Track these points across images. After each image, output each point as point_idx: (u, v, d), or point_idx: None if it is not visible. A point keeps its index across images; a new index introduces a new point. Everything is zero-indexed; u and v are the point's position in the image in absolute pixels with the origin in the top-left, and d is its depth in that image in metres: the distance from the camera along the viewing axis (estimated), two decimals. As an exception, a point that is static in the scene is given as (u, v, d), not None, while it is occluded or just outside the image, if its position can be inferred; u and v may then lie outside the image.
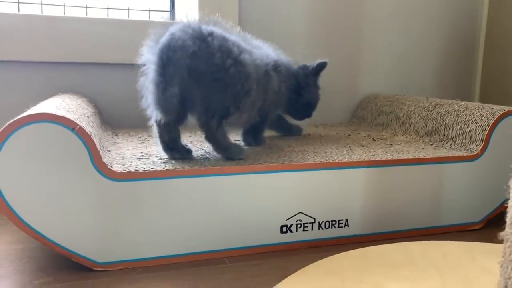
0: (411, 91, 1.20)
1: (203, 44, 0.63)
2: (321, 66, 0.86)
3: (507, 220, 0.38)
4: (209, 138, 0.67)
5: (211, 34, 0.64)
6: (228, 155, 0.67)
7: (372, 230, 0.70)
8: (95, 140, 0.57)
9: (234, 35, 0.70)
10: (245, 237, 0.63)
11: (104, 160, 0.58)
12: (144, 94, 0.65)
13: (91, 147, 0.55)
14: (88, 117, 0.67)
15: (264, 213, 0.64)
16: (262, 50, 0.77)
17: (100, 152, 0.58)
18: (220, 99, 0.64)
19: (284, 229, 0.65)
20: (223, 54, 0.63)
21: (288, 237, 0.65)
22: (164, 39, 0.62)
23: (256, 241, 0.64)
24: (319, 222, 0.67)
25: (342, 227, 0.68)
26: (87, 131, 0.55)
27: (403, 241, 0.67)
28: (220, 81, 0.63)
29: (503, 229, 0.38)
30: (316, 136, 0.91)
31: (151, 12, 1.13)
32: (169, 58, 0.60)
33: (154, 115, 0.64)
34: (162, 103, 0.60)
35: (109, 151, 0.67)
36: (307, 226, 0.66)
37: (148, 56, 0.64)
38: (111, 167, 0.58)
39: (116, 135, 0.85)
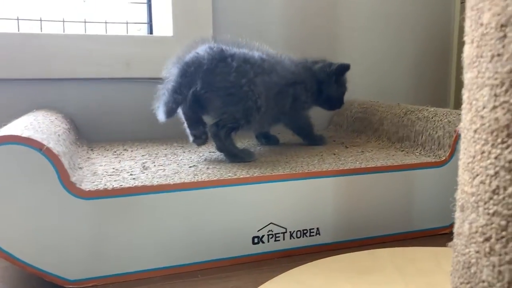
0: (388, 97, 1.22)
1: (221, 63, 0.72)
2: (342, 68, 0.91)
3: (454, 230, 0.40)
4: (220, 148, 0.75)
5: (232, 55, 0.73)
6: (239, 160, 0.75)
7: (343, 237, 0.71)
8: (63, 159, 0.58)
9: (259, 53, 0.79)
10: (217, 249, 0.64)
11: (73, 179, 0.58)
12: (159, 98, 0.72)
13: (59, 167, 0.56)
14: (59, 135, 0.67)
15: (235, 225, 0.65)
16: (282, 65, 0.84)
17: (69, 171, 0.58)
18: (232, 111, 0.74)
19: (256, 240, 0.66)
20: (239, 74, 0.73)
21: (260, 248, 0.66)
22: (188, 56, 0.71)
23: (228, 253, 0.65)
24: (290, 231, 0.68)
25: (313, 235, 0.69)
26: (54, 151, 0.56)
27: (374, 247, 0.68)
28: (234, 95, 0.73)
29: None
30: (291, 145, 0.92)
31: (128, 24, 1.14)
32: (185, 72, 0.70)
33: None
34: (165, 105, 0.69)
35: (80, 168, 0.68)
36: (278, 236, 0.67)
37: (170, 69, 0.73)
38: (80, 185, 0.58)
39: (91, 150, 0.85)
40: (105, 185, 0.60)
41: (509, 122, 0.31)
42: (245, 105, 0.74)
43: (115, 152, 0.83)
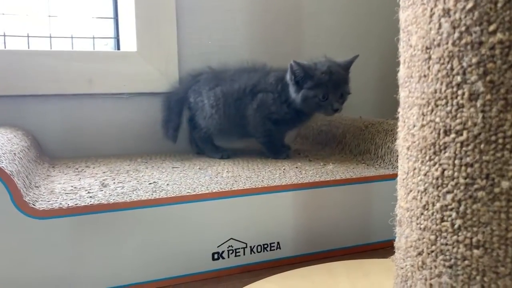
0: (353, 111, 1.24)
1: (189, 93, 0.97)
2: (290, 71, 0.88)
3: (395, 244, 0.41)
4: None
5: (196, 83, 0.96)
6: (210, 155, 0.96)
7: (304, 251, 0.71)
8: (16, 179, 0.57)
9: (229, 72, 0.95)
10: (176, 266, 0.64)
11: (27, 198, 0.58)
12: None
13: (11, 187, 0.55)
14: (15, 153, 0.66)
15: (195, 242, 0.65)
16: (245, 76, 0.93)
17: (22, 190, 0.58)
18: (200, 123, 0.95)
19: (216, 256, 0.66)
20: (197, 101, 0.94)
21: (220, 264, 0.67)
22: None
23: (187, 270, 0.65)
24: (251, 246, 0.68)
25: (274, 250, 0.70)
26: (6, 171, 0.55)
27: (334, 260, 0.69)
28: (198, 111, 0.95)
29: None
30: (256, 158, 0.93)
31: (95, 39, 1.14)
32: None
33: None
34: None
35: (37, 186, 0.67)
36: (239, 252, 0.68)
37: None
38: (34, 205, 0.58)
39: (53, 167, 0.84)
40: (61, 204, 0.59)
41: (435, 140, 0.33)
42: (202, 115, 0.93)
43: (76, 169, 0.82)
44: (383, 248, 0.75)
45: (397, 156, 0.79)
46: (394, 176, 0.76)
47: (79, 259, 0.59)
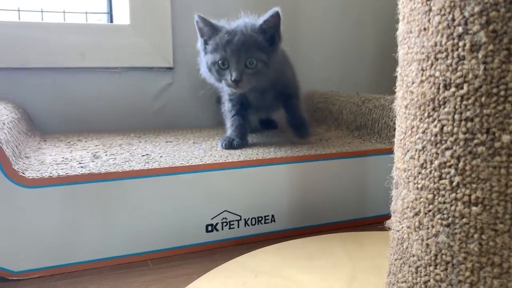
0: (350, 87, 1.22)
1: None
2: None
3: (391, 208, 0.40)
4: None
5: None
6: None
7: (298, 224, 0.71)
8: (5, 147, 0.56)
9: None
10: (169, 238, 0.63)
11: (16, 167, 0.56)
12: None
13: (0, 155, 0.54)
14: (4, 123, 0.65)
15: (188, 213, 0.64)
16: None
17: (11, 159, 0.56)
18: None
19: (210, 228, 0.65)
20: None
21: (214, 236, 0.66)
22: None
23: (180, 241, 0.64)
24: (245, 219, 0.68)
25: (268, 222, 0.69)
26: (-6, 138, 0.54)
27: (328, 234, 0.68)
28: None
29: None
30: (252, 133, 0.91)
31: (88, 14, 1.11)
32: None
33: None
34: None
35: (27, 157, 0.66)
36: (233, 224, 0.67)
37: None
38: (23, 173, 0.56)
39: (44, 140, 0.83)
40: (51, 173, 0.58)
41: (434, 95, 0.32)
42: None
43: (68, 142, 0.81)
44: (378, 223, 0.75)
45: (394, 131, 0.78)
46: (389, 150, 0.75)
47: (70, 229, 0.58)
